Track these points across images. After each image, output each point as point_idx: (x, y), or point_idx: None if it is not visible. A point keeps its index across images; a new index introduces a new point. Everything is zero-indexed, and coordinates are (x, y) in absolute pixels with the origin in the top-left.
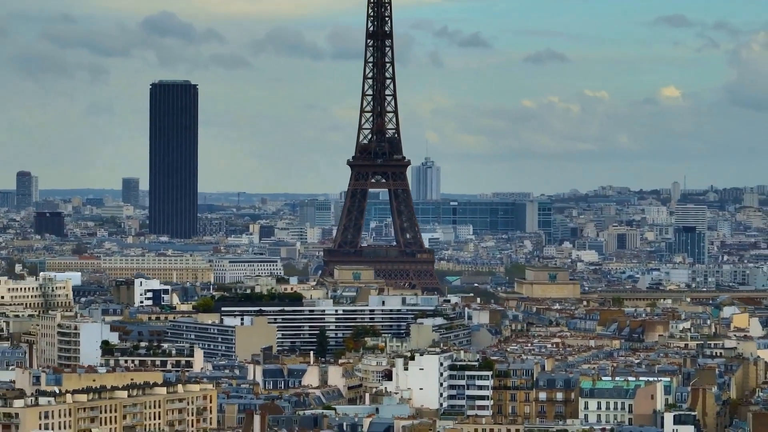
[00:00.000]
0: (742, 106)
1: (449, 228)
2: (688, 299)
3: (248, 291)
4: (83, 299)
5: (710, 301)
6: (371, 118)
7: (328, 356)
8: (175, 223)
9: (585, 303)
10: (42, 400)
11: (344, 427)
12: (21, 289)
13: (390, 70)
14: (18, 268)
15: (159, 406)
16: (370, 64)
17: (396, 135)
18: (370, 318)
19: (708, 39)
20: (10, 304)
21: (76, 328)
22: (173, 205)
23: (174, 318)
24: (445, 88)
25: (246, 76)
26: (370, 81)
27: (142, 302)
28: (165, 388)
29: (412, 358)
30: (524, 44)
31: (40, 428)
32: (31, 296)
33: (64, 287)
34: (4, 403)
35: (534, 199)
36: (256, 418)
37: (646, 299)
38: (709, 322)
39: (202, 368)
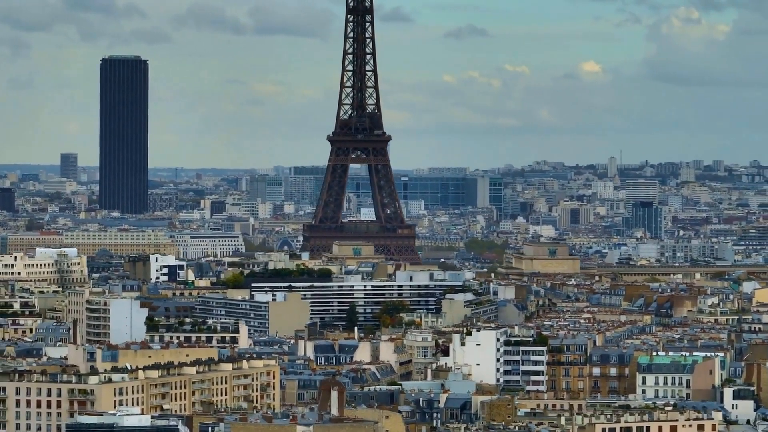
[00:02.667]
0: (662, 80)
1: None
2: (698, 275)
3: (262, 266)
4: (95, 275)
5: (725, 276)
6: (351, 94)
7: (359, 332)
8: (125, 199)
9: (597, 278)
10: (115, 376)
11: (421, 403)
12: (37, 265)
13: (370, 45)
14: None
15: (225, 382)
16: (350, 40)
17: (376, 110)
18: (399, 294)
19: (629, 14)
20: (27, 280)
21: (105, 304)
22: (122, 180)
23: (203, 294)
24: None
25: (168, 49)
26: (350, 56)
27: (158, 278)
28: (231, 364)
29: (469, 333)
30: (445, 19)
31: (114, 405)
32: (47, 272)
33: (79, 263)
34: (79, 380)
35: (485, 174)
36: (334, 394)
37: (643, 274)
38: (732, 297)
39: (250, 344)
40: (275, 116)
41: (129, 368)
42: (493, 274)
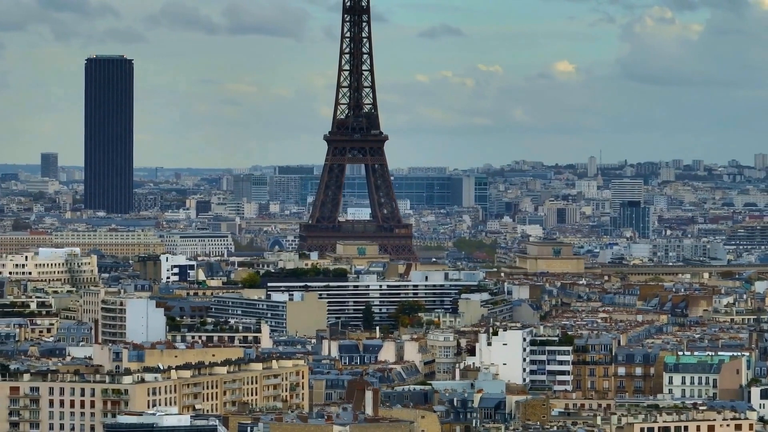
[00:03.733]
0: (635, 80)
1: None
2: (706, 274)
3: (272, 267)
4: (104, 275)
5: (737, 276)
6: (348, 93)
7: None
8: (110, 199)
9: (606, 278)
10: (148, 376)
11: (455, 402)
12: (48, 264)
13: (367, 45)
14: None
15: (256, 382)
16: (347, 39)
17: (373, 110)
18: (414, 293)
19: (603, 13)
20: (38, 280)
21: (121, 304)
22: (107, 180)
23: (219, 294)
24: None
25: (142, 49)
26: (347, 56)
27: (168, 278)
28: (261, 364)
29: (495, 333)
30: (419, 19)
31: (148, 405)
32: (58, 272)
33: (89, 263)
34: (112, 380)
35: (470, 174)
36: (368, 394)
37: (647, 274)
38: (745, 297)
39: (274, 344)
40: (250, 116)
41: (161, 368)
42: (503, 274)
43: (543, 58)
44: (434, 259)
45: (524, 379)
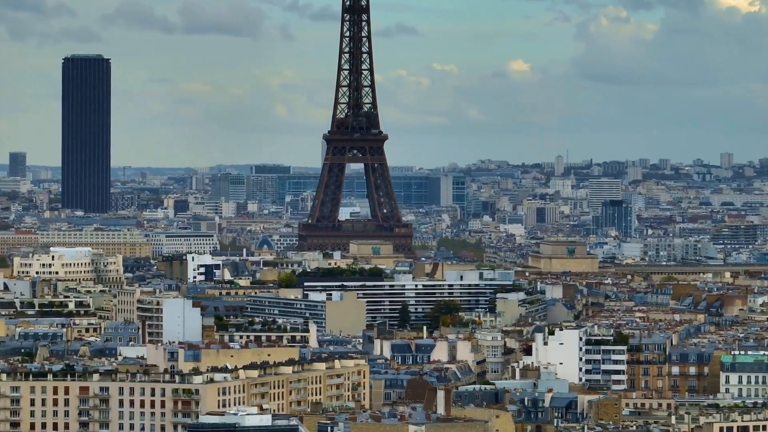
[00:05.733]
0: (589, 79)
1: (365, 202)
2: (728, 273)
3: (296, 266)
4: (128, 275)
5: (763, 275)
6: (347, 93)
7: (410, 331)
8: (87, 198)
9: (630, 276)
10: (218, 376)
11: (525, 402)
12: (75, 264)
13: (366, 44)
14: None
15: (320, 382)
16: (347, 39)
17: (373, 109)
18: (449, 293)
19: (559, 13)
20: (67, 280)
21: (158, 303)
22: (84, 179)
23: (255, 293)
24: (295, 62)
25: (98, 49)
26: (346, 55)
27: (195, 277)
28: (324, 363)
29: (552, 333)
30: (374, 18)
31: (218, 405)
32: (84, 271)
33: (114, 262)
34: (183, 380)
35: (449, 173)
36: (440, 393)
37: (661, 273)
38: None
39: (322, 344)
40: (205, 115)
41: (229, 368)
42: (528, 273)
43: (498, 58)
44: (423, 258)
45: (580, 379)
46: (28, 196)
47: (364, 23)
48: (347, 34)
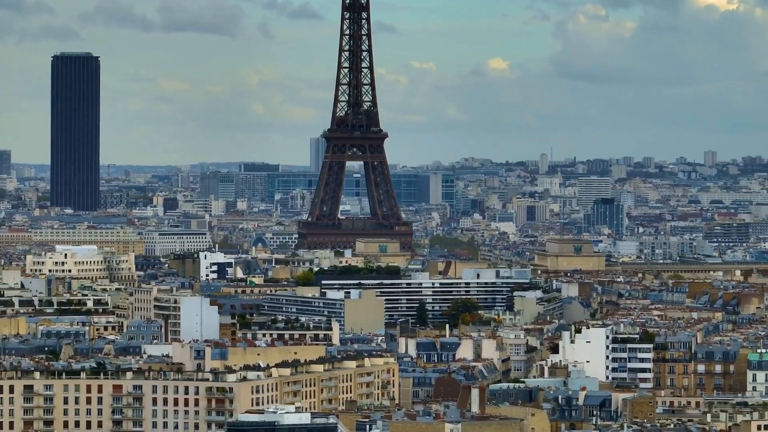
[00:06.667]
0: (567, 77)
1: (354, 200)
2: (738, 271)
3: (308, 264)
4: (139, 273)
5: None
6: (347, 91)
7: (427, 329)
8: (76, 196)
9: (641, 275)
10: (251, 374)
11: (559, 400)
12: (87, 262)
13: (366, 42)
14: None
15: (350, 380)
16: (347, 37)
17: (372, 107)
18: (466, 291)
19: (538, 11)
20: (80, 278)
21: (176, 302)
22: (74, 177)
23: (273, 291)
24: (274, 59)
25: (77, 47)
26: (346, 53)
27: (207, 275)
28: (354, 361)
29: (579, 331)
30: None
31: (252, 403)
32: (97, 269)
33: (127, 260)
34: (216, 378)
35: (438, 171)
36: (474, 392)
37: (666, 271)
38: None
39: (344, 342)
40: (183, 113)
41: (261, 366)
42: (540, 271)
43: (477, 56)
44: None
45: (606, 377)
46: (16, 194)
47: (364, 21)
48: (347, 32)
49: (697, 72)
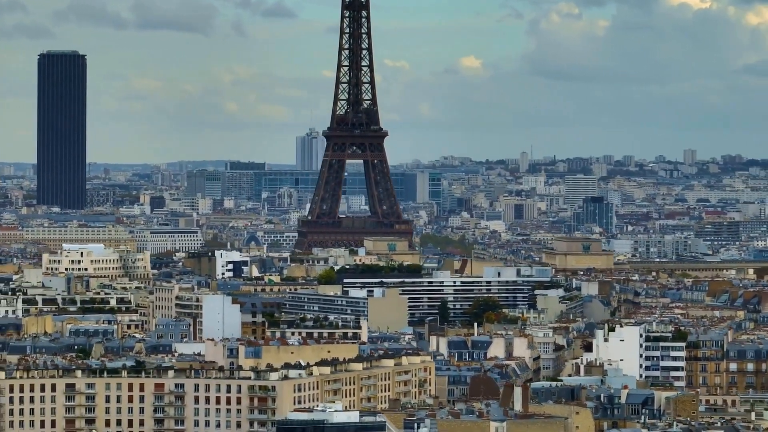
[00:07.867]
0: (541, 75)
1: (343, 199)
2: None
3: (323, 263)
4: (154, 271)
5: None
6: (347, 89)
7: (449, 326)
8: (63, 194)
9: (655, 273)
10: (292, 373)
11: (602, 399)
12: (104, 260)
13: (366, 41)
14: None
15: (388, 378)
16: (347, 35)
17: (373, 106)
18: (487, 289)
19: (511, 9)
20: (97, 276)
21: (197, 300)
22: (60, 175)
23: (294, 290)
24: (247, 58)
25: (50, 45)
26: (346, 52)
27: (223, 274)
28: (392, 360)
29: (612, 329)
30: (327, 14)
31: (294, 401)
32: (113, 267)
33: (142, 259)
34: (258, 376)
35: (425, 170)
36: (517, 390)
37: (675, 269)
38: None
39: (372, 340)
40: (156, 111)
41: (302, 364)
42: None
43: (449, 54)
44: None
45: (640, 375)
46: (1, 193)
47: (363, 20)
48: (347, 30)
49: (671, 70)
